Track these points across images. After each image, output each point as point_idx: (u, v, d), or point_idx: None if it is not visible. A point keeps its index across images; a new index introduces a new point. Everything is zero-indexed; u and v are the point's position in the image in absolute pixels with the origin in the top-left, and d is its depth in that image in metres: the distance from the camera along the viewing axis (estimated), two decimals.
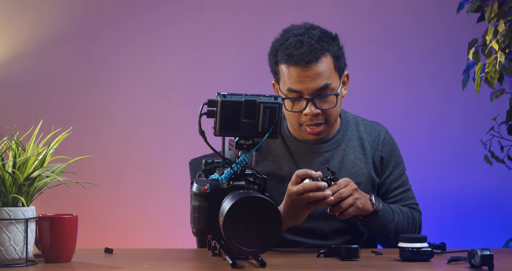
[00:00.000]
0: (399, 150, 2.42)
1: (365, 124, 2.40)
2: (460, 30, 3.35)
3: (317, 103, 2.22)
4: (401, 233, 2.23)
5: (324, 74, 2.22)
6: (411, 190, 2.41)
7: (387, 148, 2.37)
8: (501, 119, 2.99)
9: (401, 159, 2.42)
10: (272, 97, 1.87)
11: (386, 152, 2.37)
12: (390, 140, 2.40)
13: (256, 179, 1.90)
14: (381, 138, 2.37)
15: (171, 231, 3.43)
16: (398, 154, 2.41)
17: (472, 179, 3.39)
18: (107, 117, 3.47)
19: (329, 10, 3.44)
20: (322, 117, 2.25)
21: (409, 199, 2.39)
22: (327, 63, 2.23)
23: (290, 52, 2.22)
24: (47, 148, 1.89)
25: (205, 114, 1.87)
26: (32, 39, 3.46)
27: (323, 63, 2.22)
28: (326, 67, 2.23)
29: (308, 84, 2.21)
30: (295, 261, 1.93)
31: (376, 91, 3.43)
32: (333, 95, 2.24)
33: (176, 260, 1.99)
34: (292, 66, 2.22)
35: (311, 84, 2.21)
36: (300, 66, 2.21)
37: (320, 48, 2.22)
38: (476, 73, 2.70)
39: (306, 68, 2.21)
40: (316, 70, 2.21)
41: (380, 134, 2.38)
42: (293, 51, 2.22)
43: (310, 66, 2.21)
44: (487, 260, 1.74)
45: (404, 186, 2.39)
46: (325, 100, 2.24)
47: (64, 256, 1.88)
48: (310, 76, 2.21)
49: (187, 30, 3.47)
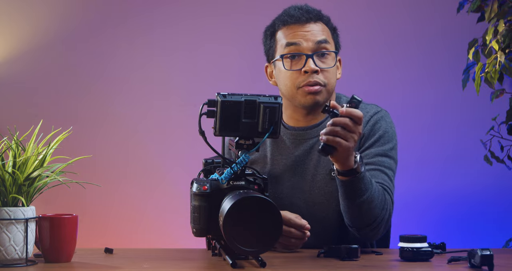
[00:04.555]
0: (391, 134, 2.27)
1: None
2: (460, 30, 3.35)
3: (316, 62, 2.23)
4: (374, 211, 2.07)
5: (322, 32, 2.27)
6: (389, 176, 2.21)
7: (371, 125, 2.26)
8: (501, 119, 2.99)
9: (389, 143, 2.26)
10: (272, 97, 1.87)
11: (368, 129, 2.26)
12: (379, 119, 2.28)
13: (256, 179, 1.90)
14: (367, 117, 2.27)
15: (171, 231, 3.43)
16: (386, 136, 2.26)
17: (472, 179, 3.39)
18: (107, 117, 3.47)
19: (328, 10, 3.42)
20: (321, 78, 2.23)
21: (381, 179, 2.18)
22: (325, 28, 2.29)
23: (289, 13, 2.28)
24: (47, 148, 1.89)
25: (205, 114, 1.87)
26: (32, 39, 3.46)
27: (322, 26, 2.28)
28: (324, 29, 2.28)
29: (307, 37, 2.25)
30: (295, 261, 1.93)
31: (376, 91, 3.43)
32: (333, 52, 2.26)
33: (176, 260, 1.99)
34: (291, 24, 2.27)
35: (310, 37, 2.25)
36: (300, 23, 2.26)
37: (319, 15, 2.30)
38: (476, 73, 2.70)
39: (306, 24, 2.26)
40: (315, 28, 2.27)
41: (367, 114, 2.28)
42: (292, 12, 2.28)
43: (309, 23, 2.27)
44: (487, 260, 1.74)
45: (378, 166, 2.21)
46: (323, 60, 2.25)
47: (64, 256, 1.88)
48: (310, 31, 2.26)
49: (187, 30, 3.47)
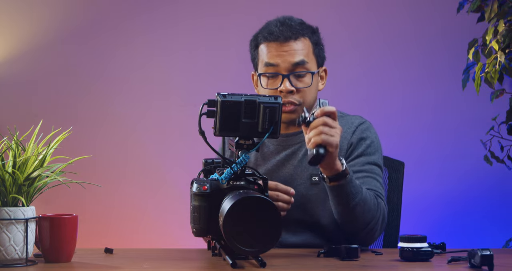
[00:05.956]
0: (377, 144, 2.30)
1: (342, 119, 2.33)
2: (460, 30, 3.36)
3: (292, 81, 2.23)
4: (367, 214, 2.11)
5: (301, 52, 2.25)
6: (380, 182, 2.26)
7: (358, 135, 2.29)
8: (501, 119, 3.00)
9: (376, 152, 2.29)
10: (272, 98, 1.87)
11: (356, 138, 2.28)
12: (365, 129, 2.30)
13: (256, 179, 1.90)
14: (353, 127, 2.30)
15: (171, 231, 3.43)
16: (373, 145, 2.29)
17: (472, 179, 3.39)
18: (107, 117, 3.47)
19: (328, 10, 3.44)
20: (296, 98, 2.24)
21: (372, 185, 2.22)
22: (306, 45, 2.27)
23: (270, 30, 2.27)
24: (47, 148, 1.89)
25: (205, 114, 1.87)
26: (32, 39, 3.46)
27: (302, 43, 2.26)
28: (305, 47, 2.26)
29: (285, 57, 2.24)
30: (295, 261, 1.93)
31: (376, 91, 3.43)
32: (309, 73, 2.25)
33: (176, 260, 1.99)
34: (271, 42, 2.25)
35: (288, 58, 2.24)
36: (279, 41, 2.25)
37: (300, 30, 2.27)
38: (476, 73, 2.70)
39: (285, 43, 2.25)
40: (294, 47, 2.25)
41: (353, 124, 2.31)
42: (273, 28, 2.27)
43: (289, 42, 2.25)
44: (487, 260, 1.74)
45: (369, 173, 2.24)
46: (300, 80, 2.25)
47: (64, 256, 1.88)
48: (288, 51, 2.24)
49: (187, 30, 3.47)
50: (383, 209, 2.19)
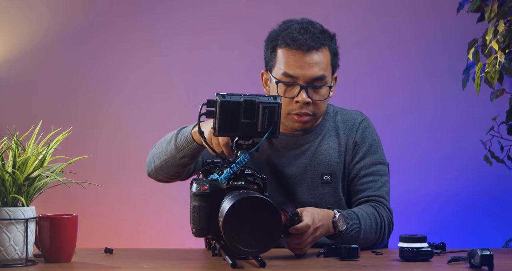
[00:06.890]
0: (378, 141, 2.35)
1: (343, 114, 2.37)
2: (460, 30, 3.36)
3: (309, 93, 2.23)
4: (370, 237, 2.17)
5: (322, 64, 2.23)
6: (384, 184, 2.31)
7: (361, 133, 2.33)
8: (501, 119, 3.00)
9: (379, 150, 2.34)
10: (272, 97, 1.87)
11: (359, 137, 2.32)
12: (366, 127, 2.34)
13: (256, 179, 1.90)
14: (356, 125, 2.33)
15: (171, 231, 3.43)
16: (375, 143, 2.33)
17: (472, 179, 3.39)
18: (107, 117, 3.47)
19: (328, 10, 3.44)
20: (311, 109, 2.24)
21: (376, 190, 2.28)
22: (326, 55, 2.25)
23: (294, 36, 2.22)
24: (47, 148, 1.89)
25: (205, 114, 1.87)
26: (32, 39, 3.46)
27: (323, 54, 2.24)
28: (325, 58, 2.24)
29: (306, 71, 2.21)
30: (295, 261, 1.93)
31: (376, 91, 3.43)
32: (327, 87, 2.25)
33: (176, 260, 1.99)
34: (293, 50, 2.22)
35: (309, 71, 2.22)
36: (302, 50, 2.21)
37: (322, 39, 2.24)
38: (476, 73, 2.70)
39: (307, 54, 2.22)
40: (316, 59, 2.22)
41: (355, 121, 2.34)
42: (297, 35, 2.22)
43: (311, 53, 2.22)
44: (487, 260, 1.74)
45: (374, 176, 2.30)
46: (317, 92, 2.24)
47: (64, 256, 1.88)
48: (310, 63, 2.22)
49: (187, 30, 3.47)
50: (387, 220, 2.23)
